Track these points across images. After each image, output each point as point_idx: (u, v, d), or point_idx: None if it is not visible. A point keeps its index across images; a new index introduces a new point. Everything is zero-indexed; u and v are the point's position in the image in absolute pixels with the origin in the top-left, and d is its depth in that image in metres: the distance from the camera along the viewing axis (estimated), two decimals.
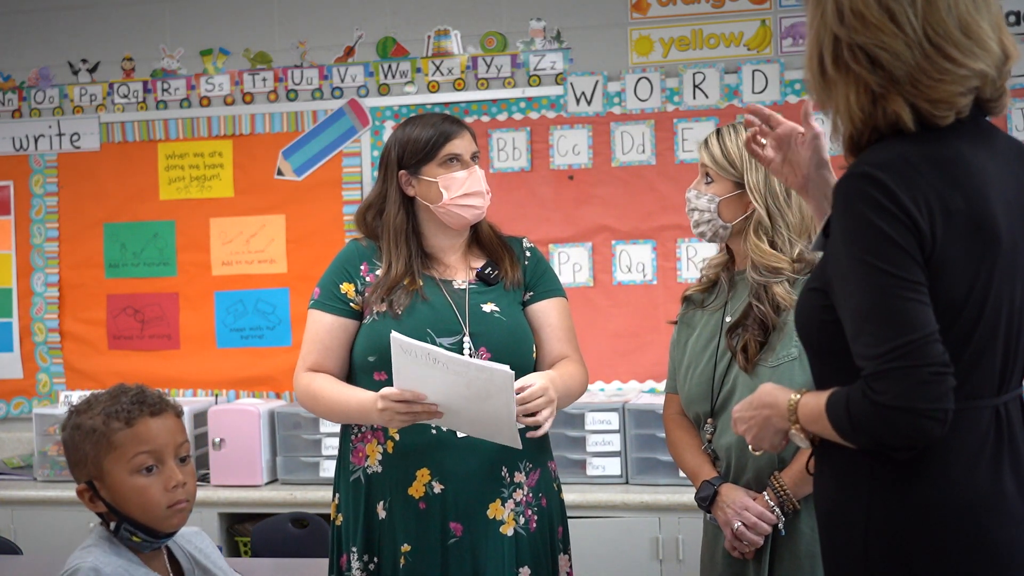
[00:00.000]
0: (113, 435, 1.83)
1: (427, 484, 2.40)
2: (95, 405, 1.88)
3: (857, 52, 1.55)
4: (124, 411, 1.85)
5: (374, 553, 2.44)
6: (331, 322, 2.47)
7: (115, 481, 1.84)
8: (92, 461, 1.84)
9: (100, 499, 1.86)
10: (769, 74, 3.93)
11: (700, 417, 2.43)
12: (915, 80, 1.53)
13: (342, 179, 4.24)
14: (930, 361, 1.46)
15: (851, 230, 1.51)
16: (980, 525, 1.55)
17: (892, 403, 1.46)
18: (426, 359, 2.20)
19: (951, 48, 1.53)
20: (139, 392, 1.89)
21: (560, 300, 2.57)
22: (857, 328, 1.50)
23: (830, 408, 1.55)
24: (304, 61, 4.29)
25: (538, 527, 2.46)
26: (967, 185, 1.54)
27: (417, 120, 2.53)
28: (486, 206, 2.51)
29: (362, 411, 2.37)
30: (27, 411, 4.43)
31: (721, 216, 2.37)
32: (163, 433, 1.86)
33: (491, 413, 2.23)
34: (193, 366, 4.34)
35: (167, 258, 4.39)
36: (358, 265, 2.50)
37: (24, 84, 4.50)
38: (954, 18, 1.53)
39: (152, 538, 1.87)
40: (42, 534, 3.93)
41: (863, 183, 1.50)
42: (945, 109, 1.55)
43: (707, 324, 2.44)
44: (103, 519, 1.89)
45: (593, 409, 3.72)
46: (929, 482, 1.54)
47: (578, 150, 4.07)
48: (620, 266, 4.06)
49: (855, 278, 1.50)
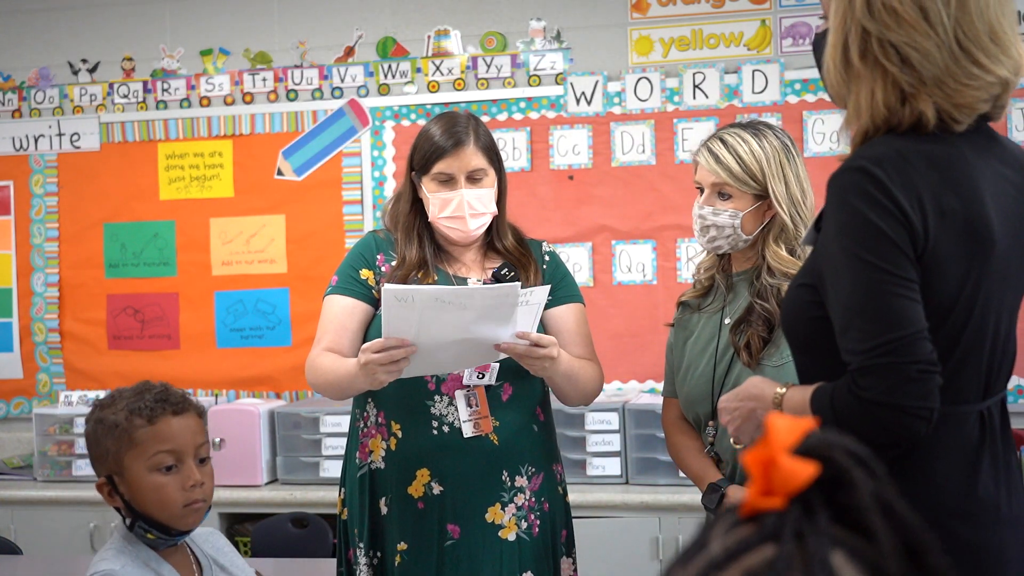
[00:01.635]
0: (135, 432, 1.84)
1: (426, 485, 2.40)
2: (119, 400, 1.88)
3: (888, 48, 1.50)
4: (147, 408, 1.85)
5: (378, 548, 2.45)
6: (350, 304, 2.44)
7: (134, 477, 1.84)
8: (113, 456, 1.85)
9: (118, 495, 1.86)
10: (769, 74, 3.93)
11: (701, 419, 2.42)
12: (941, 83, 1.50)
13: (342, 179, 4.24)
14: (917, 358, 1.45)
15: (844, 223, 1.49)
16: (964, 529, 1.54)
17: (877, 399, 1.45)
18: (425, 304, 2.14)
19: (979, 53, 1.50)
20: (163, 390, 1.89)
21: (578, 306, 2.55)
22: (846, 322, 1.49)
23: (815, 401, 1.54)
24: (304, 61, 4.29)
25: (540, 532, 2.45)
26: (964, 186, 1.53)
27: (435, 122, 2.47)
28: (475, 228, 2.43)
29: (350, 376, 2.31)
30: (27, 411, 4.43)
31: (743, 231, 2.30)
32: (184, 432, 1.87)
33: (489, 336, 2.20)
34: (193, 366, 4.34)
35: (167, 258, 4.39)
36: (375, 254, 2.49)
37: (24, 84, 4.50)
38: (984, 22, 1.50)
39: (166, 536, 1.87)
40: (42, 534, 3.94)
41: (858, 177, 1.48)
42: (967, 114, 1.53)
43: (705, 326, 2.43)
44: (121, 515, 1.89)
45: (593, 409, 3.72)
46: (914, 486, 1.52)
47: (578, 150, 4.07)
48: (620, 266, 4.06)
49: (846, 272, 1.48)
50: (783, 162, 2.28)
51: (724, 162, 2.28)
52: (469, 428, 2.39)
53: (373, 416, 2.46)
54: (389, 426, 2.42)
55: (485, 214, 2.45)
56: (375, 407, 2.45)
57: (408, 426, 2.40)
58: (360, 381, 2.28)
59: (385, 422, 2.43)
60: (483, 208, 2.44)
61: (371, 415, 2.46)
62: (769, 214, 2.30)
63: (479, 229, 2.46)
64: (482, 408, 2.39)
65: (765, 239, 2.30)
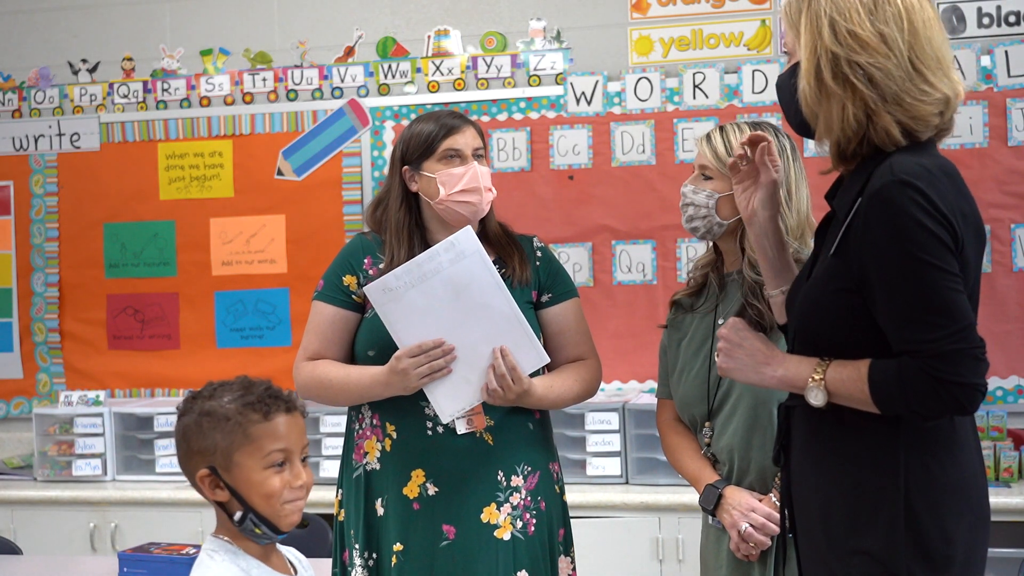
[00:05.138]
0: (250, 427, 1.79)
1: (421, 485, 2.40)
2: (222, 393, 1.82)
3: (855, 68, 1.73)
4: (261, 403, 1.80)
5: (373, 549, 2.45)
6: (332, 313, 2.48)
7: (245, 473, 1.79)
8: (222, 450, 1.78)
9: (225, 487, 1.79)
10: (769, 74, 3.93)
11: (696, 420, 2.41)
12: (900, 99, 1.73)
13: (342, 179, 4.24)
14: (978, 344, 1.68)
15: (903, 229, 1.66)
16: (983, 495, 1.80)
17: (953, 379, 1.65)
18: (406, 287, 2.26)
19: (928, 73, 1.74)
20: (269, 386, 1.85)
21: (575, 301, 2.57)
22: (908, 316, 1.68)
23: (875, 374, 1.71)
24: (304, 61, 4.30)
25: (536, 531, 2.44)
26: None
27: (424, 117, 2.53)
28: (485, 203, 2.48)
29: (377, 382, 2.37)
30: (27, 411, 4.43)
31: (719, 213, 2.34)
32: (294, 431, 1.83)
33: (485, 305, 2.30)
34: (193, 366, 4.34)
35: (167, 258, 4.39)
36: (361, 258, 2.50)
37: (24, 84, 4.50)
38: (932, 48, 1.74)
39: (273, 533, 1.83)
40: (42, 534, 3.94)
41: (907, 189, 1.66)
42: (923, 126, 1.75)
43: (698, 327, 2.42)
44: (224, 509, 1.82)
45: (593, 409, 3.72)
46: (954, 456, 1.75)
47: (578, 150, 4.07)
48: (620, 266, 4.06)
49: (908, 273, 1.67)
50: None
51: (713, 144, 2.36)
52: (462, 424, 2.39)
53: (368, 418, 2.46)
54: (384, 427, 2.43)
55: (492, 191, 2.50)
56: (370, 409, 2.46)
57: (402, 427, 2.40)
58: (393, 385, 2.35)
59: (380, 423, 2.44)
60: (489, 184, 2.49)
61: (366, 417, 2.47)
62: None
63: (487, 205, 2.50)
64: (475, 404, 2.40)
65: (743, 230, 2.31)
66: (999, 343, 3.70)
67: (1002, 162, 3.77)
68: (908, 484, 1.72)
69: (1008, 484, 3.50)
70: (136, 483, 4.07)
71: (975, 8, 3.80)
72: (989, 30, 3.81)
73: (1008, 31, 3.81)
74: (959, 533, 1.74)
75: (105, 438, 4.11)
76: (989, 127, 3.78)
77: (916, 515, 1.72)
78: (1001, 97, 3.78)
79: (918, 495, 1.72)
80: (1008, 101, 3.78)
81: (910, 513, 1.72)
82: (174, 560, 2.68)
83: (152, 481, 4.07)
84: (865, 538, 1.74)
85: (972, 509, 1.77)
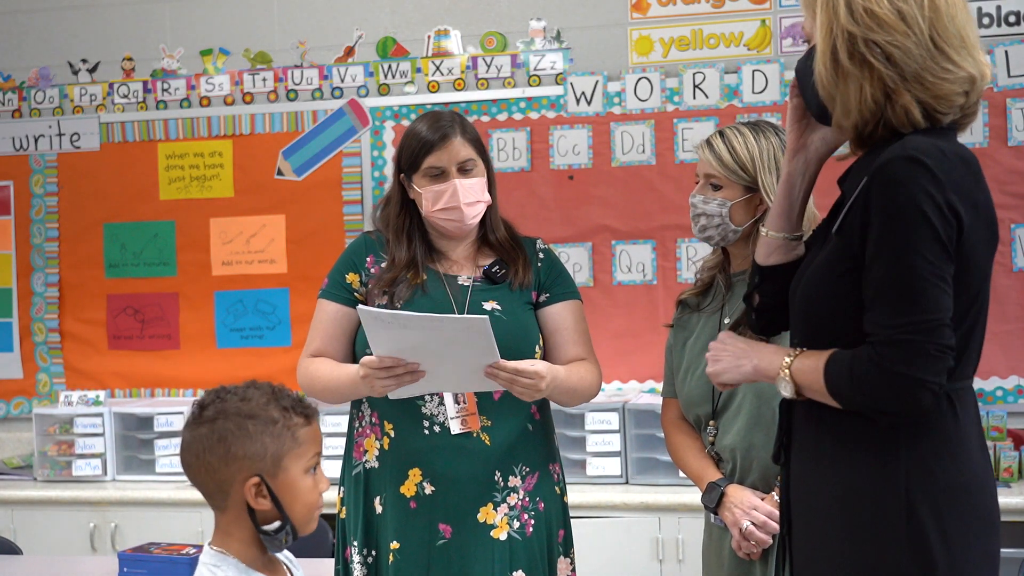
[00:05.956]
0: (297, 430, 1.72)
1: (418, 484, 2.40)
2: (253, 396, 1.72)
3: (873, 47, 1.66)
4: (299, 407, 1.73)
5: (372, 547, 2.45)
6: (335, 310, 2.49)
7: (290, 479, 1.71)
8: (272, 455, 1.69)
9: (269, 495, 1.70)
10: (769, 74, 3.93)
11: (701, 419, 2.42)
12: (921, 78, 1.66)
13: (342, 179, 4.25)
14: (938, 340, 1.60)
15: (899, 207, 1.61)
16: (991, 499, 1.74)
17: (897, 369, 1.59)
18: (398, 325, 2.20)
19: (951, 51, 1.67)
20: (288, 391, 1.77)
21: (575, 303, 2.56)
22: (879, 296, 1.62)
23: (831, 366, 1.67)
24: (304, 61, 4.30)
25: (535, 531, 2.44)
26: (983, 182, 1.70)
27: (419, 121, 2.51)
28: (469, 218, 2.45)
29: (351, 383, 2.38)
30: (27, 411, 4.43)
31: (732, 220, 2.33)
32: (319, 435, 1.78)
33: (474, 363, 2.23)
34: (193, 366, 4.35)
35: (167, 258, 4.40)
36: (364, 257, 2.51)
37: (24, 84, 4.50)
38: (955, 26, 1.68)
39: (294, 540, 1.77)
40: (42, 534, 3.94)
41: (914, 167, 1.61)
42: (946, 107, 1.68)
43: (705, 326, 2.43)
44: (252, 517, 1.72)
45: (593, 409, 3.72)
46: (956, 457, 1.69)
47: (578, 150, 4.07)
48: (620, 266, 4.06)
49: (891, 252, 1.62)
50: (778, 157, 2.30)
51: (717, 152, 2.33)
52: (456, 425, 2.39)
53: (368, 416, 2.48)
54: (382, 426, 2.44)
55: (479, 203, 2.47)
56: (369, 407, 2.47)
57: (400, 426, 2.41)
58: (361, 389, 2.34)
59: (378, 422, 2.45)
60: (476, 197, 2.46)
61: (366, 415, 2.48)
62: (761, 208, 2.31)
63: (475, 219, 2.47)
64: (469, 405, 2.40)
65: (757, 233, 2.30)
66: (999, 343, 3.70)
67: (1002, 162, 3.77)
68: (909, 485, 1.67)
69: (1008, 484, 3.50)
70: (136, 483, 4.08)
71: (975, 8, 3.80)
72: (989, 30, 3.81)
73: (1008, 31, 3.81)
74: (962, 537, 1.68)
75: (105, 438, 4.11)
76: (989, 127, 3.78)
77: (917, 516, 1.66)
78: (1001, 97, 3.78)
79: (919, 496, 1.67)
80: (1008, 101, 3.78)
81: (911, 514, 1.66)
82: (174, 560, 2.68)
83: (152, 481, 4.07)
84: (864, 539, 1.71)
85: (978, 514, 1.70)
